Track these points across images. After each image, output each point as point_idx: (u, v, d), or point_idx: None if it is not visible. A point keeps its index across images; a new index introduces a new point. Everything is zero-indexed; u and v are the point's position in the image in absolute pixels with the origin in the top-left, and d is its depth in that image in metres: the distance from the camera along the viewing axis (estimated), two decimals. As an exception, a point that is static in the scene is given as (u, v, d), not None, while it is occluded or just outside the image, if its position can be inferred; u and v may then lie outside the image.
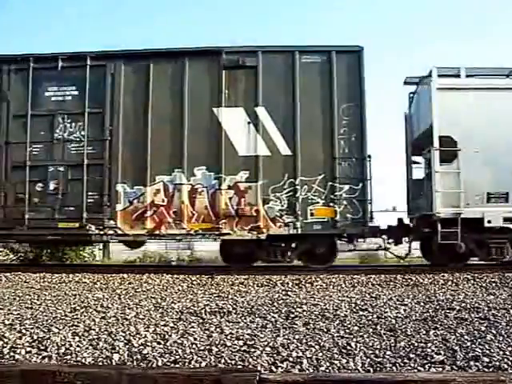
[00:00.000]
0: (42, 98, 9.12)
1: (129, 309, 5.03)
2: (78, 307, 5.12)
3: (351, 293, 6.37)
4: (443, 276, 7.83)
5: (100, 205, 8.82)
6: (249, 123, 8.80)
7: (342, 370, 3.11)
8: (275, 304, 5.25)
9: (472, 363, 3.16)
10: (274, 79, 8.84)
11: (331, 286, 7.27)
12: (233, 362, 3.27)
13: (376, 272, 8.32)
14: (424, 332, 3.95)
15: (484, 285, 7.11)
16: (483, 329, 4.03)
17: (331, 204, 8.62)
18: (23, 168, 8.95)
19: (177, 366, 3.23)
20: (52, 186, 8.92)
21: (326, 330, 4.07)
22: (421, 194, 9.85)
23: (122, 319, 4.50)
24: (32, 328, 4.12)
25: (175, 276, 8.23)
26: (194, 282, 7.77)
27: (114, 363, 3.28)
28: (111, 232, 8.83)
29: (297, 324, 4.30)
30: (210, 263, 15.25)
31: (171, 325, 4.29)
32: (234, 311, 4.89)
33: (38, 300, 5.74)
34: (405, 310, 4.83)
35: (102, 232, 8.80)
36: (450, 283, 7.34)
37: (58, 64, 9.07)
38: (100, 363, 3.28)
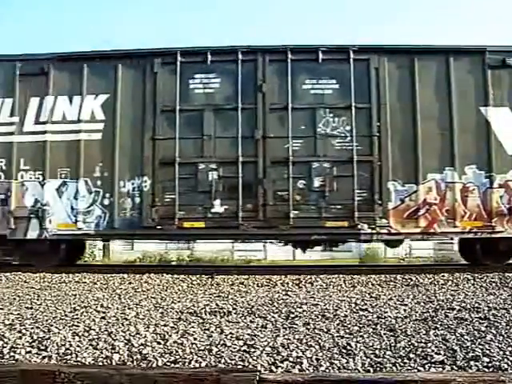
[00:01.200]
0: (300, 90, 8.96)
1: (129, 309, 5.04)
2: (78, 307, 5.12)
3: (351, 293, 6.38)
4: (443, 276, 7.84)
5: (370, 203, 8.70)
6: None
7: (342, 370, 3.11)
8: (275, 304, 5.25)
9: (472, 363, 3.16)
10: None
11: (331, 286, 7.27)
12: (233, 362, 3.27)
13: (376, 272, 8.34)
14: (424, 332, 3.95)
15: (484, 285, 7.12)
16: (483, 329, 4.03)
17: None
18: (284, 164, 8.75)
19: (177, 366, 3.23)
20: (317, 183, 8.70)
21: (326, 329, 4.07)
22: None
23: (122, 319, 4.50)
24: (32, 328, 4.11)
25: (175, 276, 8.22)
26: (194, 282, 7.77)
27: (114, 363, 3.28)
28: (384, 231, 8.75)
29: (297, 324, 4.30)
30: (210, 263, 15.30)
31: (171, 325, 4.28)
32: (234, 311, 4.89)
33: (38, 300, 5.73)
34: (405, 310, 4.83)
35: (373, 231, 8.73)
36: (450, 283, 7.35)
37: (318, 56, 8.94)
38: (100, 363, 3.28)
